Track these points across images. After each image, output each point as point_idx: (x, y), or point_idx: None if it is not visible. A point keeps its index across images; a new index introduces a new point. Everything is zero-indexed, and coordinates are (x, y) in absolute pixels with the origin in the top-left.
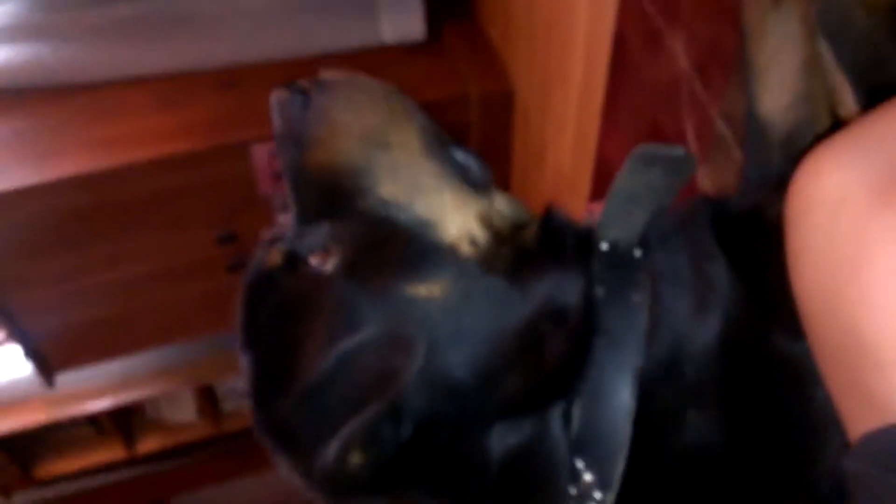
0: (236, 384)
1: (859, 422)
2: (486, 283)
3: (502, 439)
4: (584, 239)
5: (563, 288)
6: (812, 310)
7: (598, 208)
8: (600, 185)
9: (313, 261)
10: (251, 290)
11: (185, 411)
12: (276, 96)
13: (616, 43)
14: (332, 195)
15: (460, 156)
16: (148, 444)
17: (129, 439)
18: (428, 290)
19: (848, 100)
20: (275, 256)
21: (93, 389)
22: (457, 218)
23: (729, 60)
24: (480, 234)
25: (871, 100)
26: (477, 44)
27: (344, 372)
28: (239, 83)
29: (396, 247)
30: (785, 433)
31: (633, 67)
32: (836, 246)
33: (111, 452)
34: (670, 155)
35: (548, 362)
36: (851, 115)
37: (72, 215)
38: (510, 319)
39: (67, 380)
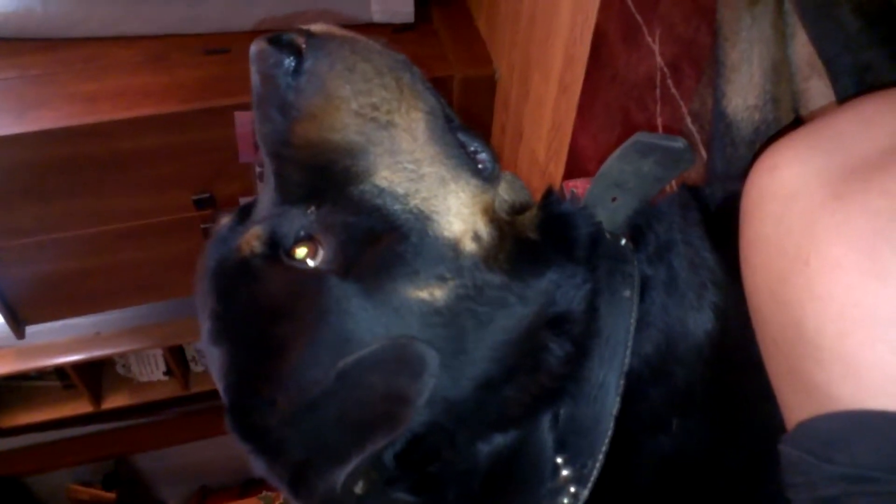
0: None
1: (796, 409)
2: (488, 285)
3: (492, 442)
4: (591, 233)
5: (566, 290)
6: (759, 299)
7: (576, 185)
8: (572, 173)
9: (299, 251)
10: (224, 277)
11: (153, 370)
12: (258, 48)
13: (596, 36)
14: (320, 176)
15: (470, 142)
16: (115, 400)
17: (96, 394)
18: (430, 294)
19: (812, 104)
20: (252, 242)
21: (63, 343)
22: (462, 212)
23: (701, 60)
24: (485, 229)
25: (843, 83)
26: (463, 28)
27: (344, 391)
28: (229, 49)
29: (393, 243)
30: (759, 439)
31: (611, 61)
32: (785, 236)
33: (78, 406)
34: (669, 146)
35: (546, 373)
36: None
37: (51, 168)
38: (512, 325)
39: (38, 331)
